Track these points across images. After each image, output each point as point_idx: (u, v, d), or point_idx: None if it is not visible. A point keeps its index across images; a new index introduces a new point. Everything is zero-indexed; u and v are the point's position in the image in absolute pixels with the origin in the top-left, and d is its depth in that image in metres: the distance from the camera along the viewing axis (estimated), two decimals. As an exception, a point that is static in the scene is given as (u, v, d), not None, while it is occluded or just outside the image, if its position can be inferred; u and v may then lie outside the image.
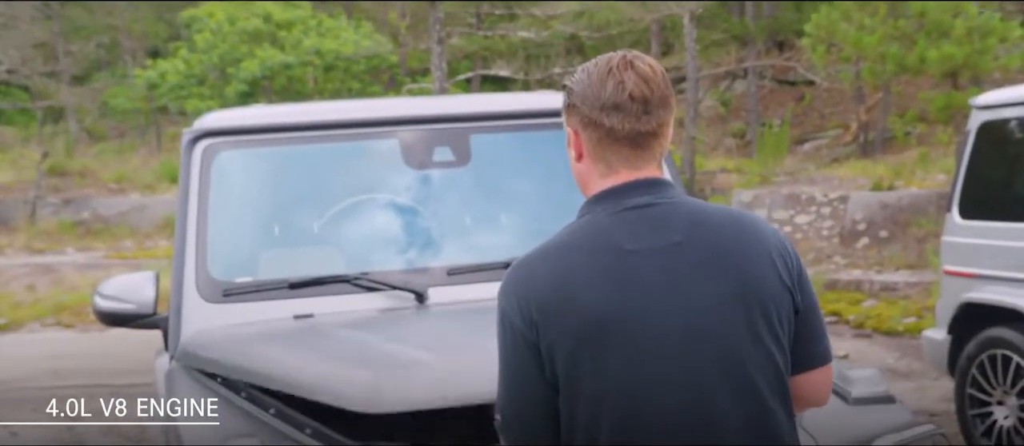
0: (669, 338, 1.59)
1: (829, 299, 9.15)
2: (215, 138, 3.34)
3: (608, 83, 1.67)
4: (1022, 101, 5.55)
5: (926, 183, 11.92)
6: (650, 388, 1.58)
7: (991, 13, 11.35)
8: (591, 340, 1.58)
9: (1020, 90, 6.11)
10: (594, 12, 18.33)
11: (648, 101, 1.67)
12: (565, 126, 1.76)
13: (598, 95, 1.68)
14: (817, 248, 11.15)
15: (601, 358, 1.58)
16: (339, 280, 3.09)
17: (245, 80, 17.86)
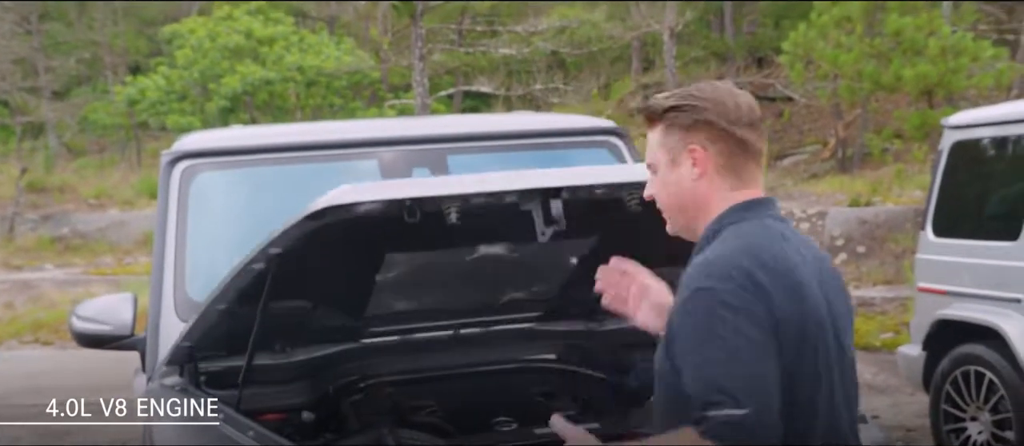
0: (831, 346, 1.71)
1: (807, 315, 9.18)
2: (194, 159, 3.36)
3: (739, 101, 1.77)
4: (992, 121, 5.65)
5: (903, 199, 12.04)
6: (819, 384, 1.70)
7: (964, 33, 11.52)
8: (812, 329, 1.67)
9: (990, 111, 6.22)
10: (575, 29, 18.44)
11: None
12: (680, 143, 1.77)
13: (735, 111, 1.76)
14: (796, 264, 11.19)
15: (817, 348, 1.68)
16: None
17: (226, 96, 17.83)
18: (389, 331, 3.22)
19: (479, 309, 3.24)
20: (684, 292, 1.68)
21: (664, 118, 1.81)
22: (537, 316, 3.34)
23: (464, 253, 2.83)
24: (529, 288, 3.16)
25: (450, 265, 2.90)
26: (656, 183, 1.83)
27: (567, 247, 2.93)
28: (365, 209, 2.29)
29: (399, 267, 2.84)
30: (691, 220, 1.81)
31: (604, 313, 3.36)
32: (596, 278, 2.06)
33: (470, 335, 3.31)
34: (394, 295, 3.01)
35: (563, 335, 3.42)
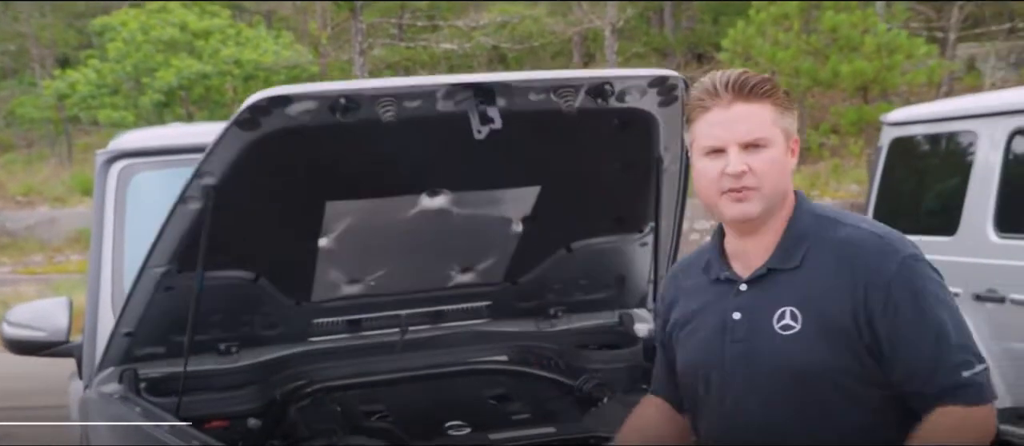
0: None
1: (749, 309, 9.27)
2: (132, 159, 3.24)
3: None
4: (929, 118, 5.75)
5: (840, 193, 12.25)
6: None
7: (898, 30, 11.76)
8: None
9: (928, 108, 6.35)
10: (516, 24, 18.41)
11: None
12: (791, 129, 1.78)
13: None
14: (737, 258, 11.32)
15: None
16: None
17: (161, 90, 17.44)
18: (335, 324, 3.14)
19: (427, 298, 3.19)
20: (885, 261, 1.70)
21: (780, 98, 1.77)
22: (487, 306, 3.30)
23: (407, 208, 2.78)
24: (476, 265, 3.13)
25: (394, 228, 2.84)
26: (764, 160, 1.73)
27: (511, 200, 2.90)
28: (298, 111, 2.25)
29: (341, 224, 2.77)
30: (776, 208, 1.78)
31: (554, 312, 3.39)
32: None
33: (420, 338, 3.25)
34: (338, 269, 2.94)
35: (514, 336, 3.37)
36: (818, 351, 1.71)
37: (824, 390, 1.72)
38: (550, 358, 3.32)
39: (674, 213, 3.03)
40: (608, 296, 3.37)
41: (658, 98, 2.62)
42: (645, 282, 3.30)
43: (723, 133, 1.74)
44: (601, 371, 3.21)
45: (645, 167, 2.85)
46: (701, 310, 1.89)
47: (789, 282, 1.76)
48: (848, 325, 1.70)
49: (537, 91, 2.43)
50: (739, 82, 1.74)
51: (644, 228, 3.09)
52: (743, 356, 1.79)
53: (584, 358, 3.29)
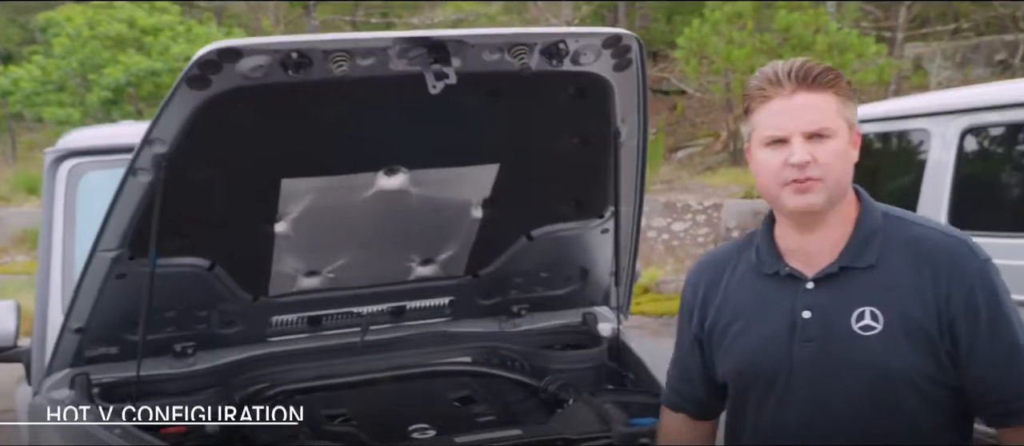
0: None
1: (706, 306, 9.33)
2: (81, 158, 3.16)
3: None
4: (882, 117, 5.82)
5: (793, 191, 12.35)
6: None
7: (849, 30, 11.92)
8: None
9: (880, 107, 6.43)
10: (471, 22, 18.35)
11: None
12: (853, 119, 1.75)
13: None
14: (693, 255, 11.43)
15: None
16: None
17: (108, 87, 17.06)
18: (294, 323, 3.08)
19: (388, 293, 3.14)
20: (968, 265, 1.69)
21: (844, 88, 1.73)
22: (449, 302, 3.26)
23: (363, 188, 2.72)
24: (437, 256, 3.08)
25: (351, 212, 2.79)
26: (828, 151, 1.70)
27: (469, 181, 2.86)
28: (249, 67, 2.20)
29: (297, 206, 2.71)
30: (838, 201, 1.75)
31: (517, 310, 3.36)
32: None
33: (382, 339, 3.20)
34: (295, 259, 2.88)
35: (477, 337, 3.34)
36: (901, 352, 1.69)
37: (902, 391, 1.70)
38: (514, 359, 3.29)
39: (634, 197, 3.02)
40: (571, 291, 3.35)
41: (613, 61, 2.59)
42: (607, 274, 3.29)
43: (786, 123, 1.70)
44: (566, 372, 3.19)
45: (602, 142, 2.82)
46: (756, 307, 1.82)
47: (865, 281, 1.73)
48: (930, 327, 1.69)
49: (491, 50, 2.40)
50: (803, 71, 1.71)
51: (604, 213, 3.07)
52: (818, 356, 1.74)
53: (548, 358, 3.26)
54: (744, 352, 1.83)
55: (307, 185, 2.67)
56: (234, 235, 2.71)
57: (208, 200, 2.55)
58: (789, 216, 1.77)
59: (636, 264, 3.35)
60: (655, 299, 9.83)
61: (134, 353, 2.62)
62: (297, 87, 2.29)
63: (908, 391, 1.70)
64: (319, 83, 2.30)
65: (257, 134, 2.45)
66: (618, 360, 3.25)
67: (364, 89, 2.39)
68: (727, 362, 1.87)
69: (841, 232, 1.76)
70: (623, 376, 3.21)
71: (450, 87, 2.32)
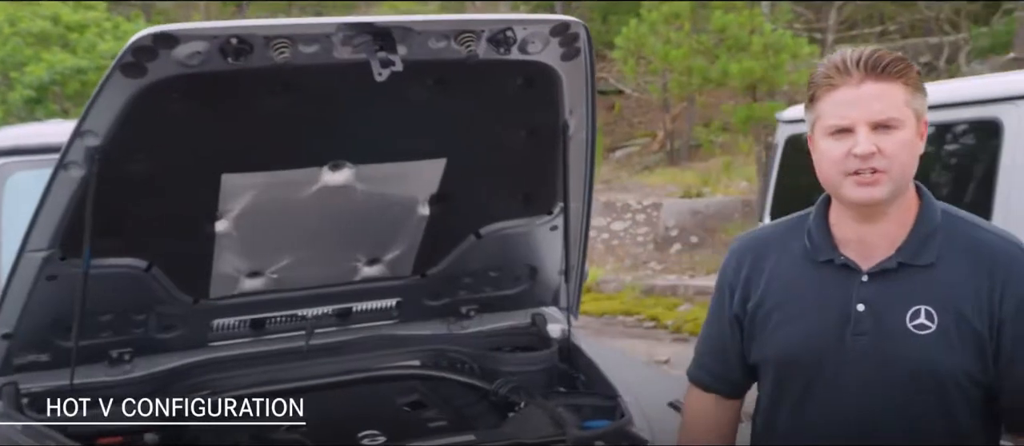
0: None
1: (647, 304, 9.42)
2: (7, 158, 3.01)
3: None
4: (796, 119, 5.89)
5: (731, 190, 12.56)
6: None
7: (783, 31, 12.11)
8: None
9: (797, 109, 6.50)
10: (410, 20, 18.16)
11: None
12: (922, 110, 1.71)
13: None
14: (633, 254, 11.51)
15: None
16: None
17: (32, 86, 16.51)
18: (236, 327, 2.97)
19: (333, 294, 3.05)
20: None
21: (913, 78, 1.70)
22: (396, 304, 3.18)
23: (307, 184, 2.63)
24: (383, 256, 3.01)
25: (295, 209, 2.70)
26: (895, 142, 1.67)
27: (416, 176, 2.79)
28: (186, 54, 2.12)
29: (238, 203, 2.61)
30: (901, 194, 1.72)
31: (466, 312, 3.30)
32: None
33: (328, 342, 3.11)
34: (237, 259, 2.77)
35: (425, 339, 3.26)
36: (953, 353, 1.68)
37: (948, 389, 1.69)
38: (464, 361, 3.22)
39: (583, 193, 2.99)
40: (520, 292, 3.30)
41: (560, 50, 2.55)
42: (556, 274, 3.25)
43: (852, 112, 1.66)
44: (516, 374, 3.14)
45: (551, 134, 2.78)
46: (807, 295, 1.79)
47: (922, 279, 1.72)
48: (982, 328, 1.68)
49: (437, 37, 2.34)
50: (872, 60, 1.67)
51: (553, 209, 3.03)
52: (871, 351, 1.72)
53: (498, 361, 3.20)
54: (791, 339, 1.79)
55: (249, 181, 2.57)
56: (172, 234, 2.60)
57: (145, 196, 2.43)
58: (849, 207, 1.73)
59: (585, 263, 3.32)
60: (596, 298, 9.86)
61: (67, 360, 2.50)
62: (237, 75, 2.20)
63: (953, 390, 1.70)
64: (260, 71, 2.21)
65: (196, 126, 2.35)
66: (569, 362, 3.21)
67: (307, 78, 2.31)
68: (770, 347, 1.83)
69: (900, 226, 1.74)
70: (574, 378, 3.17)
71: (396, 77, 2.26)
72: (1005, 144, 4.51)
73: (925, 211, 1.75)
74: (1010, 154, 4.47)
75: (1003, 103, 4.60)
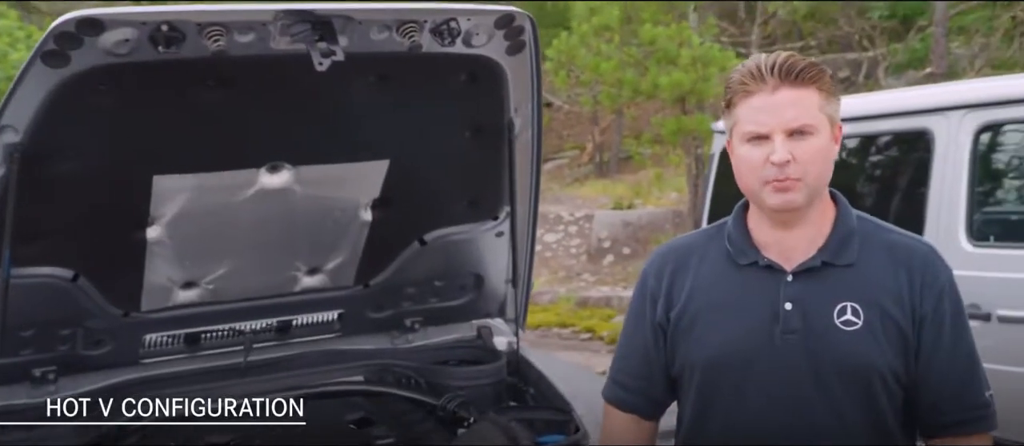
0: None
1: (583, 316, 9.40)
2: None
3: None
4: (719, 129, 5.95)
5: (662, 202, 12.65)
6: None
7: (711, 43, 12.27)
8: None
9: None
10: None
11: None
12: (835, 115, 1.73)
13: None
14: (567, 266, 11.49)
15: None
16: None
17: (-61, 96, 15.81)
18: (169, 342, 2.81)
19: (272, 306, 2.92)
20: (939, 272, 1.73)
21: (827, 84, 1.71)
22: (338, 316, 3.06)
23: (244, 186, 2.51)
24: (325, 265, 2.88)
25: (231, 214, 2.57)
26: (809, 149, 1.68)
27: (358, 179, 2.68)
28: (113, 42, 1.98)
29: (171, 207, 2.47)
30: (817, 199, 1.74)
31: (411, 324, 3.19)
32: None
33: (267, 360, 2.97)
34: (170, 268, 2.62)
35: (368, 354, 3.15)
36: (880, 349, 1.70)
37: (876, 386, 1.71)
38: (410, 376, 3.11)
39: (529, 196, 2.91)
40: (465, 302, 3.21)
41: (505, 43, 2.49)
42: (503, 282, 3.17)
43: (768, 119, 1.68)
44: (464, 389, 3.04)
45: (496, 134, 2.71)
46: (729, 297, 1.78)
47: (845, 277, 1.74)
48: (905, 325, 1.71)
49: (379, 27, 2.26)
50: (786, 66, 1.67)
51: (499, 214, 2.95)
52: (801, 348, 1.71)
53: (445, 375, 3.10)
54: (718, 342, 1.78)
55: (182, 183, 2.43)
56: (100, 241, 2.44)
57: (70, 199, 2.27)
58: (768, 212, 1.75)
59: (532, 271, 3.24)
60: (531, 311, 9.76)
61: None
62: (168, 67, 2.07)
63: (879, 387, 1.72)
64: (193, 62, 2.09)
65: (124, 122, 2.20)
66: (518, 375, 3.13)
67: (243, 71, 2.19)
68: (696, 352, 1.82)
69: (819, 229, 1.76)
70: (524, 392, 3.09)
71: (336, 73, 2.17)
72: (936, 155, 4.61)
73: (842, 215, 1.78)
74: (940, 165, 4.57)
75: (933, 114, 4.71)
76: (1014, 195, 4.89)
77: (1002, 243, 4.60)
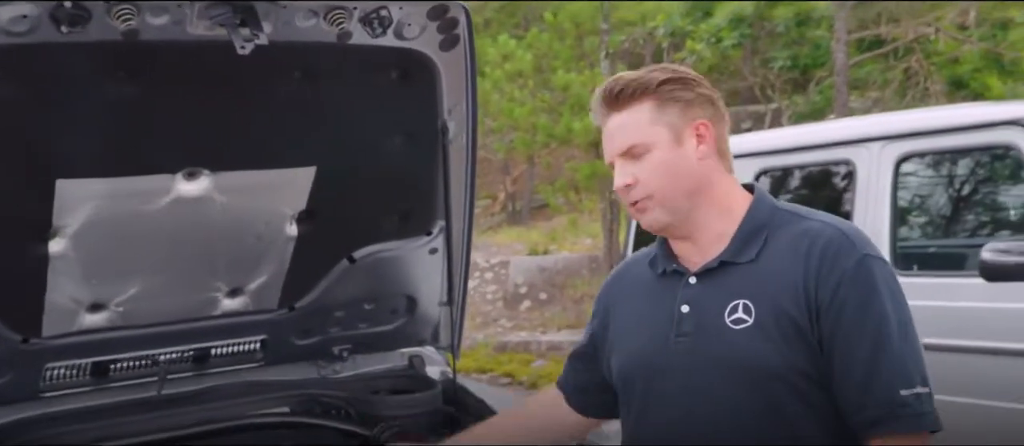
0: None
1: (501, 361, 9.25)
2: None
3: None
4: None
5: (578, 247, 12.66)
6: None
7: (624, 90, 12.44)
8: None
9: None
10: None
11: None
12: (682, 118, 1.65)
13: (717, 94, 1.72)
14: (483, 312, 11.33)
15: None
16: None
17: None
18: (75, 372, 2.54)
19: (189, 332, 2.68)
20: (842, 257, 1.58)
21: (658, 92, 1.64)
22: (261, 343, 2.84)
23: (157, 195, 2.31)
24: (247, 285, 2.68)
25: (143, 227, 2.35)
26: (647, 166, 1.64)
27: (283, 188, 2.50)
28: (9, 19, 1.80)
29: (76, 217, 2.23)
30: (694, 207, 1.66)
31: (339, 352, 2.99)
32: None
33: (183, 392, 2.72)
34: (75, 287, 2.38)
35: (294, 385, 2.92)
36: (772, 346, 1.57)
37: (779, 390, 1.57)
38: (340, 406, 2.90)
39: (464, 209, 2.77)
40: (397, 327, 3.02)
41: (439, 36, 2.37)
42: (436, 305, 2.99)
43: (607, 147, 1.70)
44: (398, 418, 2.85)
45: (429, 139, 2.56)
46: (639, 307, 1.74)
47: (743, 274, 1.64)
48: (800, 319, 1.58)
49: (306, 13, 2.12)
50: (608, 93, 1.67)
51: (432, 229, 2.79)
52: (689, 351, 1.63)
53: (378, 404, 2.90)
54: (629, 351, 1.77)
55: (88, 189, 2.20)
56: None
57: None
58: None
59: (466, 291, 3.08)
60: (448, 357, 9.60)
61: None
62: (73, 51, 1.88)
63: (785, 391, 1.58)
64: (101, 48, 1.91)
65: (22, 116, 1.98)
66: (455, 403, 2.96)
67: (157, 60, 2.01)
68: (615, 362, 1.81)
69: (723, 228, 1.69)
70: (462, 421, 2.91)
71: (260, 66, 2.02)
72: (858, 186, 4.68)
73: (752, 209, 1.70)
74: (863, 195, 4.63)
75: (855, 145, 4.79)
76: (936, 224, 4.99)
77: (925, 272, 4.68)
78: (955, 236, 4.99)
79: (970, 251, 4.47)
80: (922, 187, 4.87)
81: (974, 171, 4.76)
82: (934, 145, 4.58)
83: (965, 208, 4.92)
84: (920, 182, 4.85)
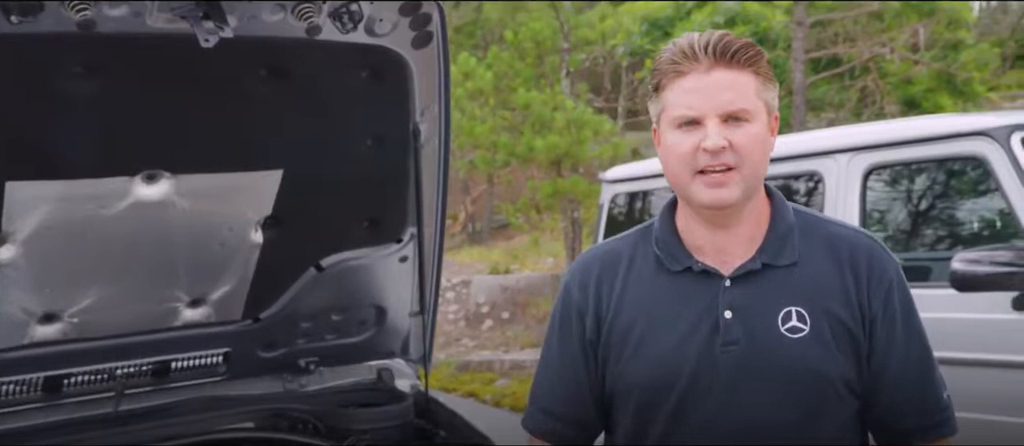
0: None
1: (464, 380, 9.14)
2: None
3: None
4: (641, 175, 5.99)
5: (539, 266, 12.60)
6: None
7: (585, 107, 12.45)
8: None
9: (639, 165, 6.62)
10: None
11: None
12: (773, 103, 1.58)
13: None
14: (445, 332, 11.21)
15: None
16: None
17: None
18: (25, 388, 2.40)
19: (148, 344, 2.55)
20: (886, 266, 1.59)
21: (764, 68, 1.56)
22: (224, 356, 2.71)
23: (115, 199, 2.20)
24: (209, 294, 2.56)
25: (100, 233, 2.23)
26: (745, 136, 1.52)
27: (248, 192, 2.39)
28: None
29: (28, 222, 2.11)
30: (756, 194, 1.59)
31: (306, 365, 2.87)
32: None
33: (141, 408, 2.58)
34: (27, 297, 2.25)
35: (258, 400, 2.80)
36: (831, 356, 1.54)
37: (827, 395, 1.56)
38: (307, 420, 2.78)
39: (435, 216, 2.67)
40: (366, 339, 2.91)
41: (411, 33, 2.29)
42: (407, 315, 2.89)
43: (701, 102, 1.52)
44: (368, 432, 2.74)
45: (401, 142, 2.47)
46: (665, 309, 1.59)
47: (787, 279, 1.57)
48: (855, 329, 1.56)
49: (273, 7, 2.03)
50: (722, 45, 1.52)
51: (402, 236, 2.69)
52: (744, 360, 1.53)
53: (347, 418, 2.78)
54: (655, 359, 1.59)
55: (41, 192, 2.08)
56: None
57: None
58: (700, 211, 1.59)
59: (437, 301, 2.98)
60: (410, 377, 9.47)
61: None
62: (24, 42, 1.77)
63: (832, 395, 1.56)
64: (55, 40, 1.80)
65: None
66: (426, 416, 2.85)
67: (114, 54, 1.90)
68: (632, 371, 1.62)
69: (756, 227, 1.61)
70: (434, 434, 2.81)
71: (224, 63, 1.93)
72: (826, 197, 4.67)
73: (778, 210, 1.64)
74: (831, 207, 4.62)
75: (823, 157, 4.79)
76: (904, 235, 4.99)
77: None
78: (924, 247, 5.00)
79: (939, 262, 4.47)
80: (890, 198, 4.87)
81: (942, 182, 4.78)
82: (902, 156, 4.59)
83: (933, 219, 4.93)
84: (888, 193, 4.85)
